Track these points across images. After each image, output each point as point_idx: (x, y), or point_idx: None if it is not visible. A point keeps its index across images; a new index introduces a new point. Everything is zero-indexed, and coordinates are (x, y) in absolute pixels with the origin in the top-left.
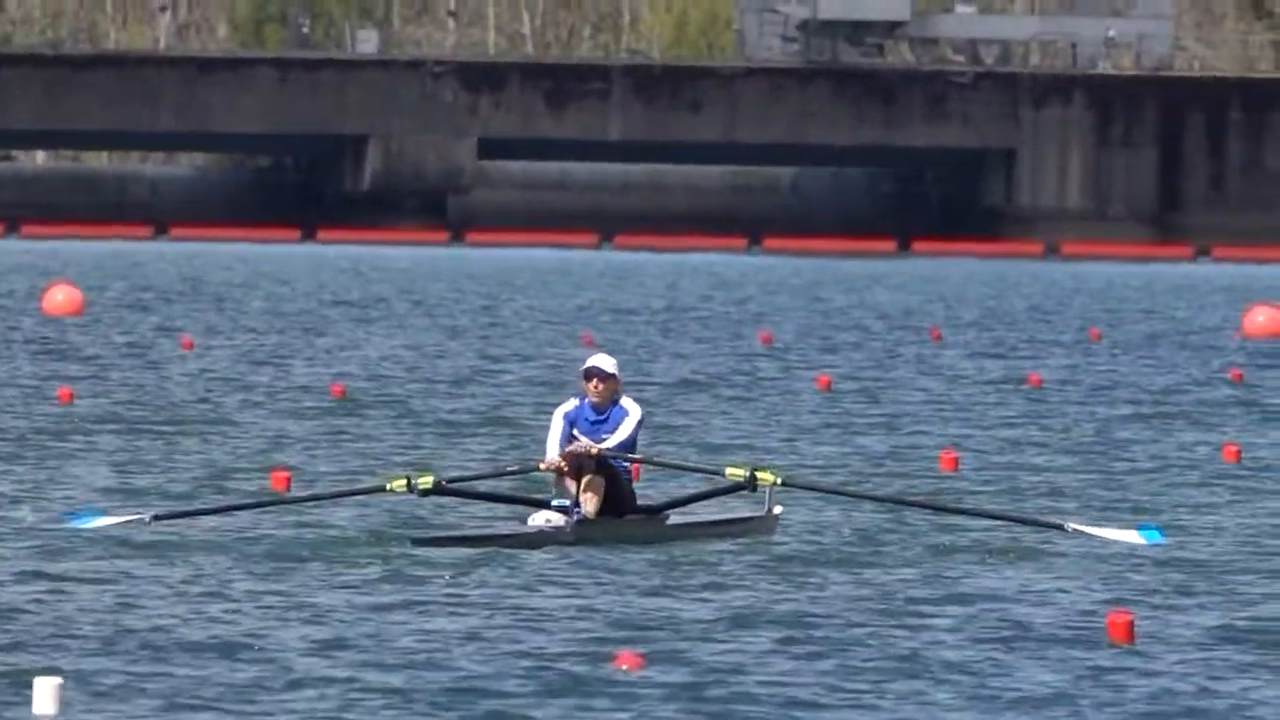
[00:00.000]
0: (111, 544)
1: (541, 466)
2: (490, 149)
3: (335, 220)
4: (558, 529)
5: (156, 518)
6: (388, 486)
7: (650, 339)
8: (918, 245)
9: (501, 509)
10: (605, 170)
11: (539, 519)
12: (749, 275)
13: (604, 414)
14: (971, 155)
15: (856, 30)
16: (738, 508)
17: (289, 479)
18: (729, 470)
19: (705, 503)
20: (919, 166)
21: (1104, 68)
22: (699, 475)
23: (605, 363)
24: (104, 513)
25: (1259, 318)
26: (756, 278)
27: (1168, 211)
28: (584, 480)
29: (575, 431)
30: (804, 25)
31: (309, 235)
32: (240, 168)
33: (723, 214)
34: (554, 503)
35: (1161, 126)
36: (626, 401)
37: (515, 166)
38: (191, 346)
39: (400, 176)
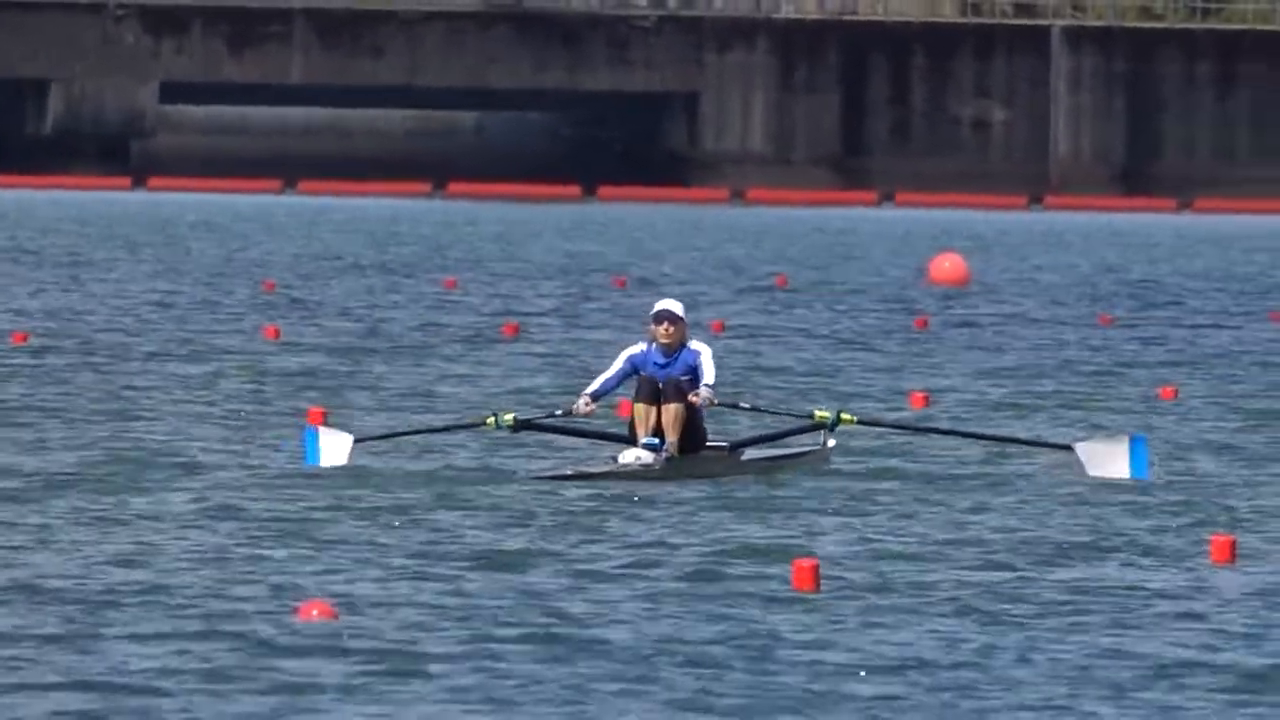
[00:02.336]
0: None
1: (573, 410)
2: (173, 93)
3: (15, 166)
4: (647, 466)
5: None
6: (485, 421)
7: (335, 287)
8: (602, 191)
9: (581, 443)
10: (288, 115)
11: (629, 456)
12: (433, 220)
13: (672, 356)
14: (655, 100)
15: None
16: (793, 443)
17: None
18: (817, 413)
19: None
20: (602, 111)
21: (787, 12)
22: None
23: (675, 306)
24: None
25: (945, 264)
26: (441, 223)
27: (851, 156)
28: (664, 410)
29: (642, 374)
30: None
31: None
32: None
33: (406, 159)
34: (642, 441)
35: (845, 71)
36: (696, 344)
37: (198, 111)
38: None
39: (82, 121)
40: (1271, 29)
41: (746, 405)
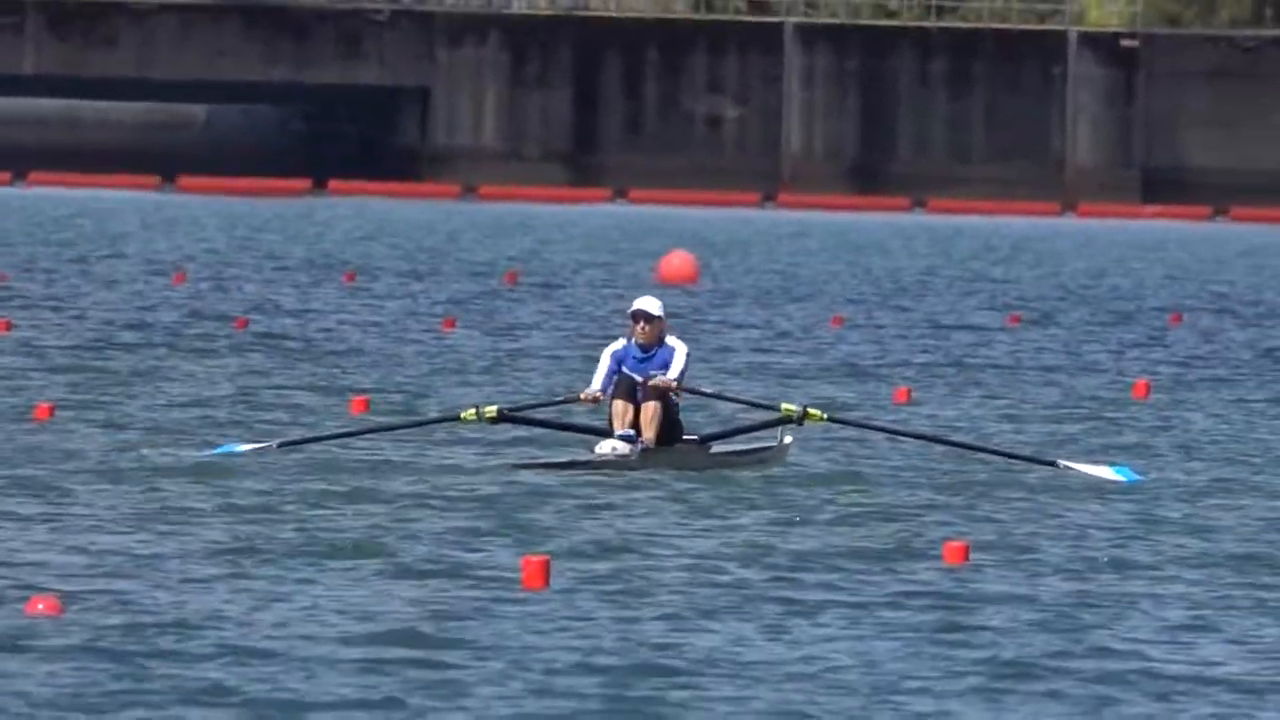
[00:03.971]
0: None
1: (581, 396)
2: None
3: None
4: (623, 457)
5: (282, 444)
6: (461, 416)
7: (65, 282)
8: (332, 185)
9: (562, 435)
10: (19, 106)
11: (605, 447)
12: (162, 214)
13: (650, 352)
14: (387, 94)
15: None
16: (757, 437)
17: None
18: (784, 406)
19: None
20: (334, 105)
21: (520, 7)
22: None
23: (651, 305)
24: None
25: (674, 261)
26: (170, 217)
27: (584, 152)
28: (643, 409)
29: (624, 369)
30: None
31: None
32: None
33: (137, 151)
34: (618, 433)
35: (578, 67)
36: (672, 340)
37: None
38: None
39: None
40: (1006, 27)
41: (709, 390)
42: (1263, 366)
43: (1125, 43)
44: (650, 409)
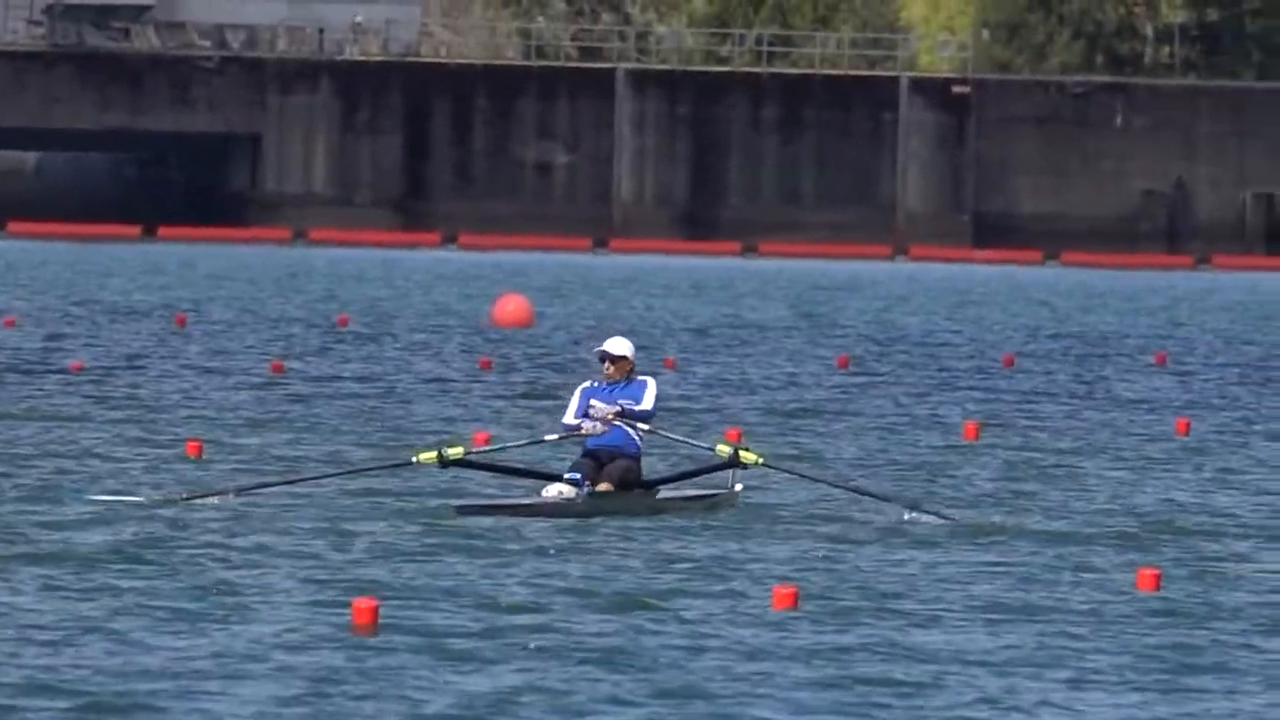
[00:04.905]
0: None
1: (583, 430)
2: None
3: None
4: (569, 500)
5: (241, 490)
6: (415, 459)
7: None
8: (163, 231)
9: (518, 479)
10: None
11: (552, 491)
12: None
13: (617, 384)
14: (218, 140)
15: (102, 14)
16: (705, 483)
17: None
18: (718, 447)
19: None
20: (165, 151)
21: (351, 53)
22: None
23: (615, 346)
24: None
25: (509, 306)
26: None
27: (414, 198)
28: (603, 471)
29: (593, 400)
30: (49, 9)
31: None
32: None
33: None
34: (565, 476)
35: (408, 113)
36: (644, 377)
37: None
38: None
39: None
40: (837, 74)
41: (646, 427)
42: (1095, 406)
43: (956, 89)
44: (607, 473)
